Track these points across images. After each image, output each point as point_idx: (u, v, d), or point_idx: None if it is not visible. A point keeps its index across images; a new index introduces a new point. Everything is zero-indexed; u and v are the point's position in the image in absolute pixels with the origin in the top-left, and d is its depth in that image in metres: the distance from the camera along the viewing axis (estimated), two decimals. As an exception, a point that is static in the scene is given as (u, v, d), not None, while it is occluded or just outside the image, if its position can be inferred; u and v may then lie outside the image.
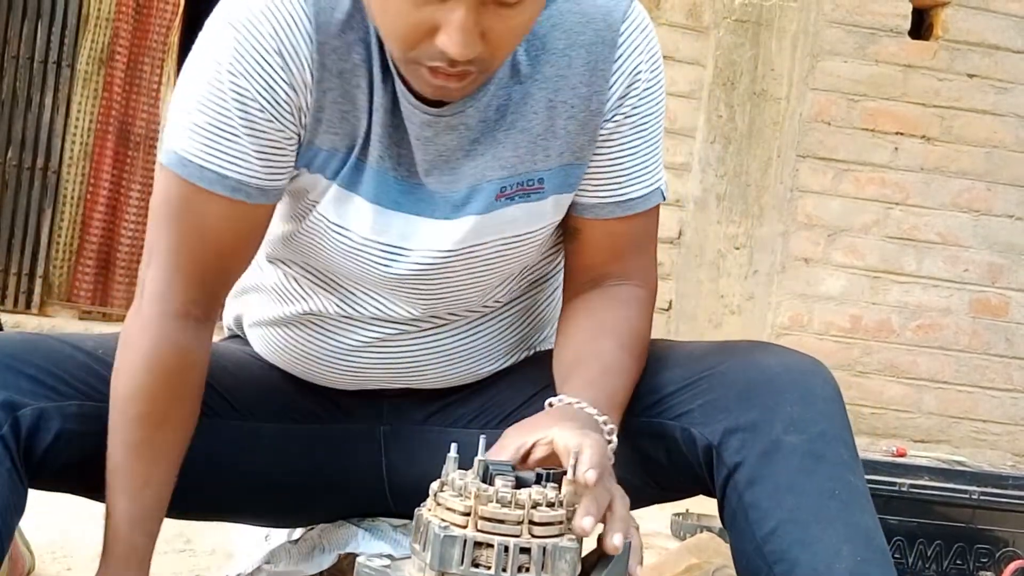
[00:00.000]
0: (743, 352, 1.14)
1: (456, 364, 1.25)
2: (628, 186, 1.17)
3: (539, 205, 1.15)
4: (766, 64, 3.70)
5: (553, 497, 0.90)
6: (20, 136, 4.05)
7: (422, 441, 1.26)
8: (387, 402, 1.28)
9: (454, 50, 0.97)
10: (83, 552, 1.85)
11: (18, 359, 1.09)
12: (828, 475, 1.05)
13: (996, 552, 2.21)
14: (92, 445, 1.10)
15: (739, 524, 1.08)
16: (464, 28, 0.96)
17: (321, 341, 1.23)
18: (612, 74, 1.13)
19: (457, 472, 0.92)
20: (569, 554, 0.88)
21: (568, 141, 1.14)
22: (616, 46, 1.13)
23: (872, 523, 1.05)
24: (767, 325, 3.65)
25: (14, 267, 4.06)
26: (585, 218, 1.18)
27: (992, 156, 3.70)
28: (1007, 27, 3.70)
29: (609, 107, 1.14)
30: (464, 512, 0.87)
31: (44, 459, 1.08)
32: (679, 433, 1.12)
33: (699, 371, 1.13)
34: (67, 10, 4.04)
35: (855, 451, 1.09)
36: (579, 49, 1.12)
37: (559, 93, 1.13)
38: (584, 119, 1.14)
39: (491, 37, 0.99)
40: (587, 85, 1.13)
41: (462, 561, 0.85)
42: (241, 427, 1.23)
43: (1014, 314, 3.75)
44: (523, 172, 1.14)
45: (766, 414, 1.07)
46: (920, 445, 3.51)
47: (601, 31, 1.12)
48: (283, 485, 1.26)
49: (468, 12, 0.96)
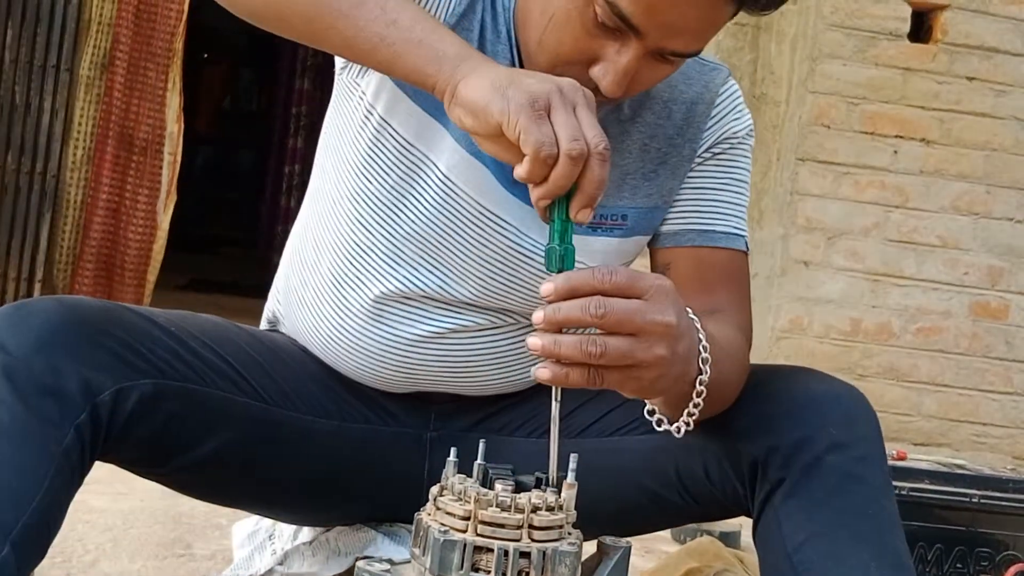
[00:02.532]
0: (789, 375, 1.17)
1: (507, 368, 1.25)
2: (710, 218, 1.23)
3: (621, 243, 1.20)
4: (765, 67, 3.70)
5: (553, 501, 0.89)
6: (19, 141, 4.05)
7: (468, 448, 1.27)
8: (435, 408, 1.29)
9: (608, 88, 1.04)
10: (82, 556, 1.85)
11: (99, 331, 1.05)
12: (864, 497, 1.07)
13: (996, 556, 2.20)
14: (161, 424, 1.09)
15: (771, 535, 1.09)
16: (626, 72, 1.03)
17: (378, 331, 1.22)
18: (707, 129, 1.23)
19: (457, 476, 0.92)
20: (569, 558, 0.87)
21: (657, 184, 1.21)
22: (713, 106, 1.23)
23: (903, 548, 1.07)
24: (767, 328, 3.65)
25: (13, 271, 4.06)
26: (670, 248, 1.23)
27: (992, 159, 3.70)
28: (1006, 30, 3.69)
29: (699, 156, 1.22)
30: (464, 516, 0.87)
31: (114, 441, 1.06)
32: (723, 449, 1.13)
33: (746, 390, 1.14)
34: (66, 14, 4.04)
35: (890, 478, 1.11)
36: (680, 104, 1.21)
37: (654, 139, 1.20)
38: (674, 165, 1.21)
39: (636, 80, 1.05)
40: (682, 136, 1.21)
41: (462, 565, 0.85)
42: (298, 420, 1.23)
43: (1014, 317, 3.74)
44: (609, 205, 1.19)
45: (812, 433, 1.09)
46: (920, 448, 3.50)
47: (701, 92, 1.22)
48: (327, 483, 1.26)
49: (634, 59, 1.02)
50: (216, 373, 1.16)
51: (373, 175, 1.18)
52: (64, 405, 1.00)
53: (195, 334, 1.16)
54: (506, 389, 1.27)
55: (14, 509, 0.95)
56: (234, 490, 1.25)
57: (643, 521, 1.28)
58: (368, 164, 1.18)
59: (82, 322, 1.04)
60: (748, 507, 1.14)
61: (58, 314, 1.03)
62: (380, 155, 1.18)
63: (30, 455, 0.97)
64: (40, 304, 1.05)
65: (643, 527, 1.31)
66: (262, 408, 1.19)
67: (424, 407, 1.29)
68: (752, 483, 1.12)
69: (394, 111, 1.16)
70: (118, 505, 2.12)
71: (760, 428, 1.11)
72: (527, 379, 1.27)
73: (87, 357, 1.03)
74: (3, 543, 0.93)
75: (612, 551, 0.97)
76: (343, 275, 1.23)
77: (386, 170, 1.17)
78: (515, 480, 0.93)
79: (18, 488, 0.95)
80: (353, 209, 1.20)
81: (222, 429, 1.16)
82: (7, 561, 0.93)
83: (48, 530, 0.99)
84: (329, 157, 1.26)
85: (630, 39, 1.02)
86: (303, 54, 6.87)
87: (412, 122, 1.16)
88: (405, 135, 1.16)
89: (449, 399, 1.28)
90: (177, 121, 4.21)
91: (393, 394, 1.28)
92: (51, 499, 0.97)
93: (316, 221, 1.28)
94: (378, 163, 1.18)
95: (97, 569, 1.82)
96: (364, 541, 1.30)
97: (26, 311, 1.03)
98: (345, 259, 1.22)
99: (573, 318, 0.89)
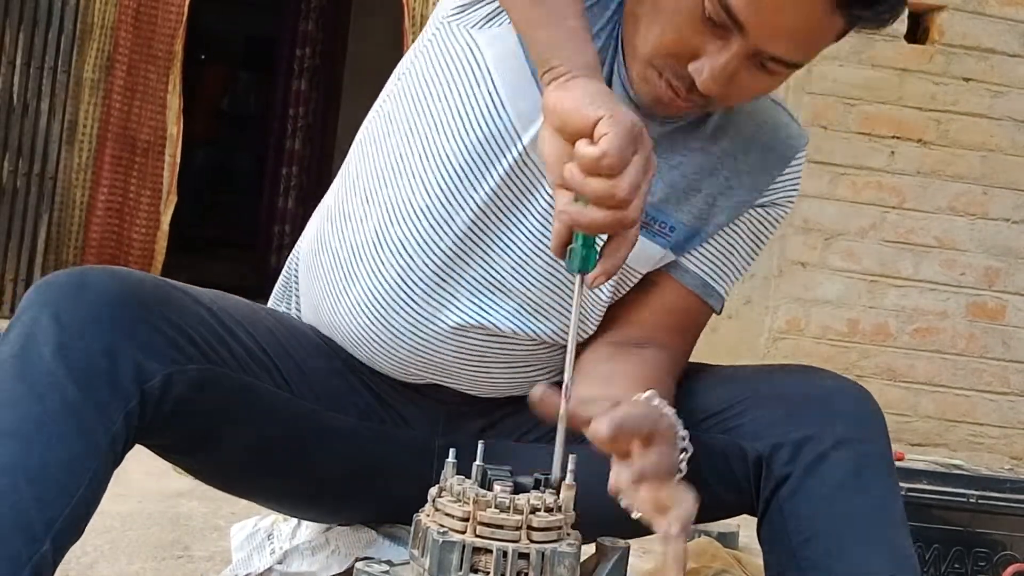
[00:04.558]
0: (795, 372, 1.17)
1: (520, 372, 1.25)
2: (719, 277, 1.24)
3: (655, 249, 1.19)
4: (762, 68, 3.71)
5: (551, 502, 0.90)
6: (17, 143, 4.05)
7: (474, 455, 1.27)
8: (445, 409, 1.28)
9: (704, 83, 1.04)
10: (80, 558, 1.85)
11: (153, 312, 1.03)
12: (869, 494, 1.07)
13: (994, 556, 2.21)
14: (201, 412, 1.08)
15: (776, 532, 1.09)
16: (725, 69, 1.03)
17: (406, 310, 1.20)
18: (774, 182, 1.23)
19: (456, 478, 0.92)
20: (568, 559, 0.88)
21: (711, 211, 1.20)
22: (789, 164, 1.24)
23: (907, 545, 1.08)
24: (764, 329, 3.65)
25: (11, 273, 4.06)
26: (673, 277, 1.22)
27: (988, 160, 3.70)
28: (1002, 31, 3.70)
29: (755, 206, 1.23)
30: (463, 518, 0.87)
31: (155, 428, 1.05)
32: (728, 447, 1.13)
33: (750, 388, 1.14)
34: (63, 16, 4.05)
35: (896, 477, 1.11)
36: (759, 145, 1.22)
37: (725, 167, 1.20)
38: (735, 202, 1.21)
39: (733, 85, 1.05)
40: (750, 176, 1.21)
41: (461, 567, 0.85)
42: (319, 415, 1.22)
43: (1011, 317, 3.75)
44: (662, 209, 1.18)
45: (817, 430, 1.09)
46: (917, 449, 3.51)
47: (783, 145, 1.23)
48: (341, 480, 1.26)
49: (734, 58, 1.03)
50: (255, 362, 1.14)
51: (454, 132, 1.15)
52: (116, 391, 0.98)
53: (236, 318, 1.15)
54: (516, 391, 1.27)
55: (59, 504, 0.94)
56: (256, 482, 1.24)
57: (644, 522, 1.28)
58: (452, 119, 1.15)
59: (138, 300, 1.02)
60: (753, 505, 1.14)
61: (116, 289, 1.01)
62: (469, 110, 1.15)
63: (78, 446, 0.96)
64: (98, 276, 1.02)
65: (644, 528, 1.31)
66: (291, 400, 1.18)
67: (435, 407, 1.28)
68: (757, 480, 1.12)
69: (502, 66, 1.14)
70: (116, 507, 2.12)
71: (765, 425, 1.11)
72: (535, 382, 1.26)
73: (141, 339, 1.01)
74: (45, 538, 0.92)
75: (611, 552, 0.97)
76: (389, 236, 1.19)
77: (470, 129, 1.15)
78: (514, 481, 0.93)
79: (65, 483, 0.95)
80: (420, 166, 1.17)
81: (255, 420, 1.15)
82: (46, 557, 0.93)
83: (86, 518, 0.98)
84: (402, 106, 1.22)
85: (733, 37, 1.02)
86: (301, 56, 6.87)
87: (517, 83, 1.13)
88: (503, 95, 1.13)
89: (459, 398, 1.27)
90: (176, 123, 4.22)
91: (406, 392, 1.27)
92: (93, 489, 0.97)
93: (371, 173, 1.23)
94: (464, 119, 1.15)
95: (95, 571, 1.82)
96: (363, 542, 1.30)
97: (84, 282, 1.01)
98: (396, 219, 1.19)
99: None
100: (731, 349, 3.62)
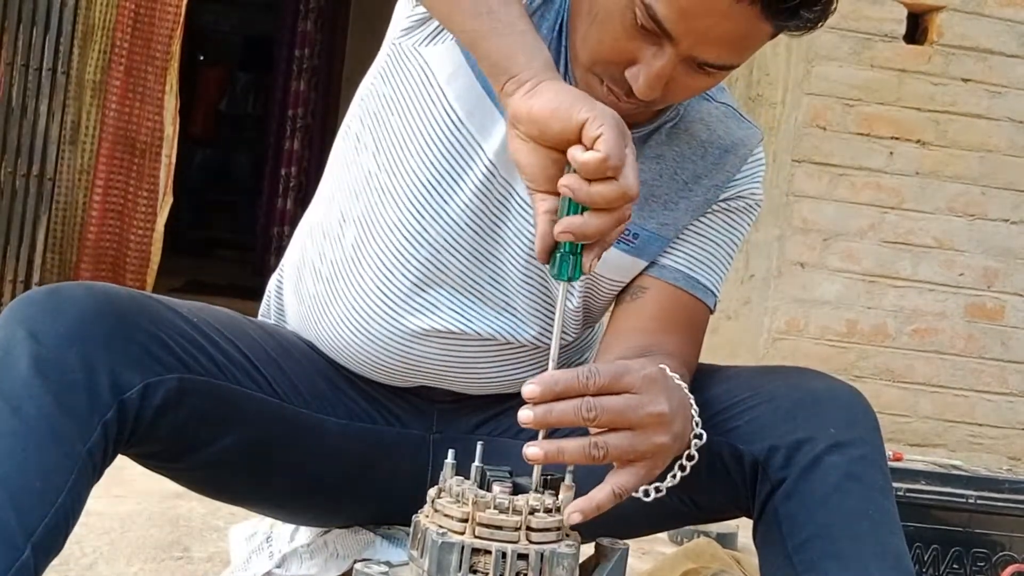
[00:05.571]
0: (789, 375, 1.18)
1: (509, 371, 1.26)
2: (700, 267, 1.26)
3: (621, 257, 1.21)
4: (761, 69, 3.71)
5: (551, 503, 0.90)
6: (15, 144, 4.05)
7: (470, 450, 1.27)
8: (437, 407, 1.29)
9: (640, 89, 1.06)
10: (79, 559, 1.85)
11: (130, 323, 1.04)
12: (864, 496, 1.08)
13: (993, 556, 2.21)
14: (182, 420, 1.09)
15: (772, 536, 1.09)
16: (660, 75, 1.05)
17: (387, 316, 1.21)
18: (733, 181, 1.26)
19: (455, 478, 0.92)
20: (567, 560, 0.88)
21: (673, 216, 1.23)
22: (745, 162, 1.27)
23: (902, 547, 1.08)
24: (763, 330, 3.65)
25: (9, 274, 4.06)
26: (654, 276, 1.24)
27: (987, 160, 3.70)
28: (1001, 31, 3.70)
29: (717, 203, 1.25)
30: (462, 519, 0.87)
31: (136, 437, 1.06)
32: (725, 449, 1.13)
33: (746, 390, 1.15)
34: (62, 17, 4.04)
35: (890, 479, 1.12)
36: (715, 149, 1.25)
37: (684, 172, 1.23)
38: (695, 203, 1.24)
39: (671, 87, 1.08)
40: (709, 178, 1.24)
41: (460, 568, 0.85)
42: (308, 417, 1.23)
43: (1009, 318, 3.75)
44: None
45: (812, 433, 1.09)
46: (916, 449, 3.51)
47: (737, 145, 1.27)
48: (335, 482, 1.26)
49: (668, 64, 1.05)
50: (236, 368, 1.15)
51: (417, 149, 1.18)
52: (93, 402, 0.99)
53: (216, 327, 1.16)
54: (507, 389, 1.28)
55: (38, 511, 0.94)
56: (244, 487, 1.24)
57: (642, 523, 1.28)
58: (413, 137, 1.18)
59: (114, 313, 1.03)
60: (749, 507, 1.15)
61: (92, 304, 1.02)
62: (429, 128, 1.17)
63: (56, 454, 0.96)
64: (73, 292, 1.03)
65: (642, 529, 1.31)
66: (276, 404, 1.19)
67: (427, 406, 1.29)
68: (753, 483, 1.12)
69: (454, 83, 1.16)
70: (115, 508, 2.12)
71: (760, 428, 1.11)
72: (523, 382, 1.27)
73: (118, 351, 1.02)
74: (25, 546, 0.92)
75: (610, 552, 0.97)
76: (366, 251, 1.22)
77: (432, 145, 1.17)
78: (513, 482, 0.93)
79: (42, 490, 0.95)
80: (389, 182, 1.20)
81: (239, 425, 1.16)
82: (27, 564, 0.93)
83: (67, 527, 0.98)
84: (366, 126, 1.25)
85: (665, 44, 1.04)
86: (300, 56, 6.87)
87: (469, 98, 1.16)
88: (459, 111, 1.16)
89: (451, 397, 1.28)
90: (172, 123, 4.22)
91: (396, 393, 1.28)
92: (73, 497, 0.97)
93: (345, 193, 1.26)
94: (425, 137, 1.17)
95: (94, 572, 1.82)
96: (362, 543, 1.30)
97: (59, 298, 1.02)
98: (371, 234, 1.22)
99: (567, 420, 0.90)
100: (730, 349, 3.62)
